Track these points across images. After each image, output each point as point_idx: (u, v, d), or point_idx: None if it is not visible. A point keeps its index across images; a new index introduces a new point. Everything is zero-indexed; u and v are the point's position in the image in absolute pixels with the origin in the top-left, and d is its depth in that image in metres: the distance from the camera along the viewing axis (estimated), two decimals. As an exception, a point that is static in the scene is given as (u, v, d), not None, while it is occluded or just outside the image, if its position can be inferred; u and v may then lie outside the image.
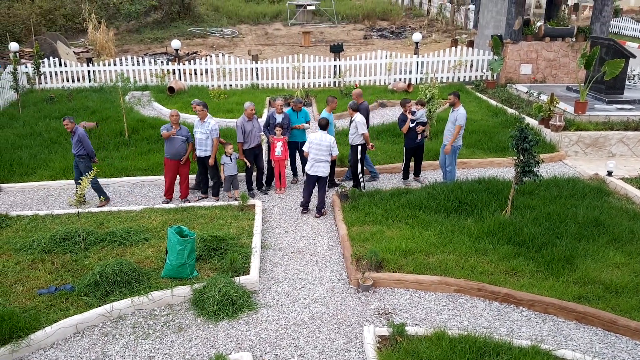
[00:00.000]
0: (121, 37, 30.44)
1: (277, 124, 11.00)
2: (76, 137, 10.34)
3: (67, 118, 10.36)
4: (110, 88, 18.61)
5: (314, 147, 10.06)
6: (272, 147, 11.07)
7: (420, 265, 8.08)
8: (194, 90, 18.74)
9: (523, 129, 8.97)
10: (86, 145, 10.38)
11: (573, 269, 7.98)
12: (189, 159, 10.68)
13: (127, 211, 10.17)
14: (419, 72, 19.97)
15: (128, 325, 7.08)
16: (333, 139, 10.17)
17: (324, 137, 10.08)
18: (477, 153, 12.90)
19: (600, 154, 13.26)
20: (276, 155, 11.02)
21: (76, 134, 10.34)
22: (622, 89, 15.26)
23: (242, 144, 10.82)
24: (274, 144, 11.01)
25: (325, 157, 10.08)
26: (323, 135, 10.10)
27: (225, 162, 10.69)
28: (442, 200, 10.02)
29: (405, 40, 29.81)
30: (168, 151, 10.40)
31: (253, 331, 6.98)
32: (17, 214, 10.03)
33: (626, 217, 9.53)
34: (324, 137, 10.08)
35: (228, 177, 10.81)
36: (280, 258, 8.78)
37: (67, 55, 22.77)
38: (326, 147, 10.02)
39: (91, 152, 10.50)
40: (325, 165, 10.12)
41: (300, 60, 19.63)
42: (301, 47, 27.94)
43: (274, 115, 11.16)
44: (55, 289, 7.53)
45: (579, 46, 18.69)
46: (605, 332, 6.90)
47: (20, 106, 16.42)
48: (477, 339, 6.31)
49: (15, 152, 12.96)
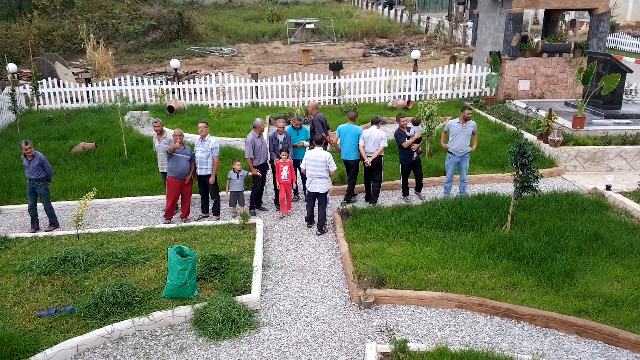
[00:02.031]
0: (120, 57, 30.65)
1: (281, 149, 10.82)
2: (37, 161, 10.27)
3: (27, 142, 10.14)
4: (109, 108, 18.68)
5: (310, 164, 10.11)
6: (277, 170, 10.89)
7: (422, 282, 8.08)
8: (194, 109, 18.82)
9: (522, 144, 9.02)
10: (47, 168, 10.42)
11: (573, 283, 7.98)
12: (192, 179, 10.72)
13: (127, 231, 10.17)
14: (418, 89, 20.09)
15: (129, 346, 7.06)
16: (329, 155, 10.15)
17: (318, 153, 10.11)
18: (477, 169, 12.94)
19: (599, 168, 13.31)
20: (282, 179, 10.81)
21: (36, 158, 10.28)
22: (619, 104, 15.36)
23: (252, 159, 10.88)
24: (280, 167, 10.81)
25: (323, 173, 10.08)
26: (318, 151, 10.14)
27: (232, 178, 10.75)
28: (442, 217, 10.04)
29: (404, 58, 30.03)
30: (173, 170, 10.39)
31: (255, 350, 6.95)
32: (16, 236, 10.04)
33: (625, 230, 9.55)
34: (318, 152, 10.12)
35: (233, 193, 10.85)
36: (281, 276, 8.77)
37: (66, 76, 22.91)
38: (322, 162, 10.03)
39: (51, 174, 10.54)
40: (323, 182, 10.12)
41: (300, 79, 19.76)
42: (300, 66, 28.14)
43: (276, 135, 11.14)
44: (55, 311, 7.52)
45: (576, 62, 18.83)
46: (606, 346, 6.88)
47: (18, 127, 16.48)
48: (478, 354, 6.30)
49: (14, 173, 12.99)
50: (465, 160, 11.16)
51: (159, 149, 10.90)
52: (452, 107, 18.20)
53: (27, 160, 10.25)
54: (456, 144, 11.00)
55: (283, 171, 10.71)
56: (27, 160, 10.25)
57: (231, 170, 10.81)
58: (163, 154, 10.79)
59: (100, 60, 25.71)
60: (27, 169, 10.29)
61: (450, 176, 11.32)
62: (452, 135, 11.03)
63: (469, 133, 10.96)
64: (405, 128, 11.12)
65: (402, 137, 11.10)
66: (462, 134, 10.92)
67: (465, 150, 11.02)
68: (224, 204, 11.52)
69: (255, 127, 10.90)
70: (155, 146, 11.02)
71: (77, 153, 14.17)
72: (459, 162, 11.16)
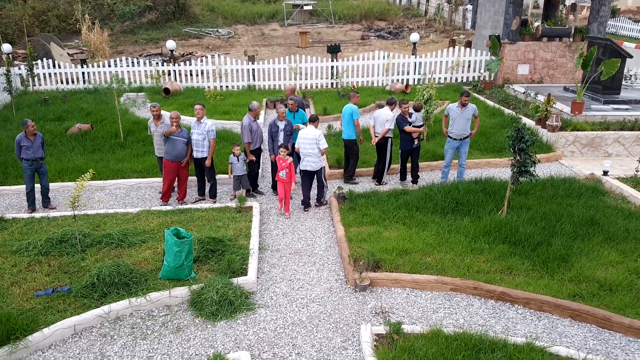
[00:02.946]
0: (115, 38, 30.40)
1: (281, 145, 10.23)
2: (39, 139, 10.36)
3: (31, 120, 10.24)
4: (105, 90, 18.58)
5: (302, 141, 10.27)
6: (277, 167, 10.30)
7: (417, 265, 8.12)
8: (190, 91, 18.74)
9: (520, 129, 9.01)
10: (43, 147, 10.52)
11: (568, 267, 8.03)
12: (189, 162, 10.69)
13: (124, 213, 10.17)
14: (416, 73, 20.02)
15: (126, 326, 7.09)
16: (319, 132, 10.26)
17: (309, 131, 10.26)
18: (474, 154, 12.93)
19: (597, 153, 13.32)
20: (281, 177, 10.24)
21: (39, 137, 10.37)
22: (618, 89, 15.33)
23: (250, 143, 10.82)
24: (280, 165, 10.20)
25: (313, 151, 10.20)
26: (309, 129, 10.31)
27: (233, 162, 10.75)
28: (439, 201, 10.06)
29: (403, 41, 29.88)
30: (169, 153, 10.34)
31: (251, 331, 7.00)
32: (12, 217, 10.03)
33: (621, 216, 9.58)
34: (309, 130, 10.28)
35: (236, 177, 10.86)
36: (278, 259, 8.80)
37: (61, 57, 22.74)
38: (312, 139, 10.15)
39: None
40: (314, 160, 10.26)
41: (297, 61, 19.66)
42: (298, 48, 27.98)
43: (276, 122, 10.94)
44: (52, 291, 7.54)
45: (576, 46, 18.77)
46: (599, 329, 6.94)
47: (14, 108, 16.39)
48: (472, 336, 6.35)
49: (10, 154, 12.94)
50: (464, 145, 11.15)
51: (155, 133, 10.82)
52: (451, 91, 18.15)
53: (30, 140, 10.23)
54: (455, 127, 10.98)
55: (282, 172, 10.20)
56: (29, 141, 10.21)
57: (231, 154, 10.78)
58: (159, 138, 10.72)
59: (96, 41, 25.54)
60: (30, 149, 10.23)
61: (449, 161, 11.31)
62: (452, 119, 11.02)
63: (468, 117, 10.93)
64: (407, 114, 11.10)
65: (404, 122, 11.08)
66: (461, 118, 10.89)
67: (464, 134, 11.00)
68: (221, 187, 11.52)
69: (251, 110, 10.82)
70: (151, 130, 10.93)
71: (73, 134, 14.12)
72: (458, 146, 11.15)
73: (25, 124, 10.15)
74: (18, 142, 10.19)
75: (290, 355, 6.54)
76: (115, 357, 6.51)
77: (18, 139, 10.19)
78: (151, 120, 10.90)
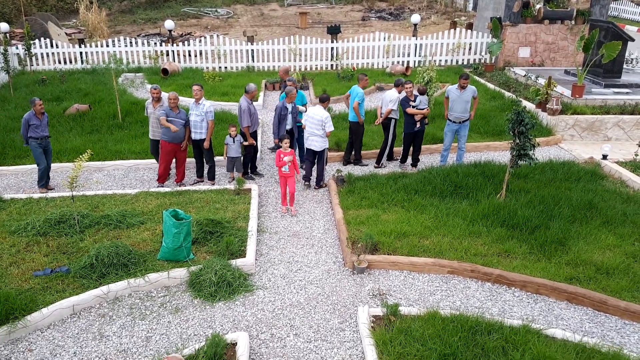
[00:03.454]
0: (114, 18, 30.15)
1: (281, 138, 9.58)
2: (46, 118, 10.37)
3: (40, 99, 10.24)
4: (103, 70, 18.48)
5: (309, 120, 10.28)
6: (277, 160, 9.59)
7: (415, 248, 8.14)
8: (188, 72, 18.64)
9: (520, 112, 8.98)
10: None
11: (565, 250, 8.06)
12: (187, 144, 10.63)
13: (122, 194, 10.16)
14: (417, 55, 19.89)
15: (125, 307, 7.13)
16: (327, 115, 10.20)
17: (318, 111, 10.21)
18: (474, 137, 12.90)
19: (596, 137, 13.29)
20: (283, 172, 9.54)
21: (45, 115, 10.36)
22: (619, 73, 15.25)
23: (249, 127, 10.70)
24: (280, 158, 9.46)
25: (319, 132, 10.20)
26: (318, 110, 10.25)
27: (229, 143, 10.67)
28: (437, 184, 10.05)
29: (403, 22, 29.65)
30: (167, 134, 10.23)
31: (249, 312, 7.03)
32: (11, 197, 10.03)
33: (619, 200, 9.59)
34: (318, 111, 10.22)
35: (230, 159, 10.79)
36: (276, 241, 8.82)
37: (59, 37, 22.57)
38: (318, 121, 10.14)
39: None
40: (318, 140, 10.26)
41: (297, 42, 19.51)
42: (298, 29, 27.77)
43: (285, 105, 10.73)
44: (50, 271, 7.56)
45: (578, 29, 18.63)
46: (595, 312, 6.99)
47: (11, 88, 16.30)
48: (469, 318, 6.39)
49: (8, 134, 12.91)
50: (464, 129, 11.11)
51: (152, 115, 10.67)
52: (452, 74, 18.05)
53: (39, 119, 10.20)
54: (455, 110, 10.93)
55: (285, 164, 9.47)
56: (38, 120, 10.18)
57: (227, 135, 10.74)
58: (156, 120, 10.57)
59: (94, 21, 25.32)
60: (39, 128, 10.20)
61: (448, 144, 11.28)
62: (451, 101, 10.96)
63: (467, 99, 10.87)
64: (411, 95, 11.02)
65: (407, 104, 11.01)
66: (460, 101, 10.84)
67: (464, 117, 10.95)
68: (219, 169, 11.50)
69: (247, 92, 10.71)
70: (148, 111, 10.79)
71: (71, 115, 14.06)
72: (457, 129, 11.11)
73: (33, 102, 10.11)
74: (27, 121, 10.09)
75: (288, 336, 6.59)
76: (114, 337, 6.55)
77: (27, 117, 10.09)
78: (149, 101, 10.79)
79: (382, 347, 6.06)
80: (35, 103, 10.08)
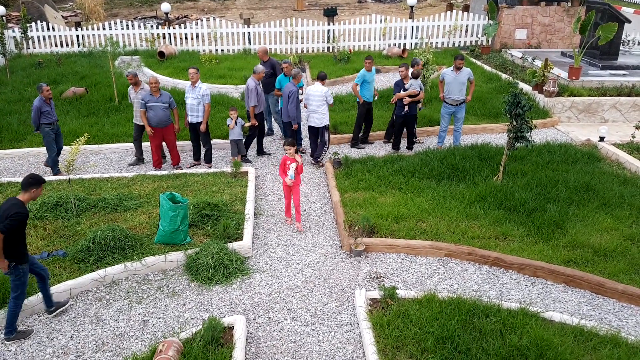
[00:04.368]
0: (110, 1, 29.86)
1: (285, 143, 8.34)
2: (53, 102, 10.27)
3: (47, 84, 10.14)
4: (100, 53, 18.33)
5: (310, 98, 10.46)
6: (282, 168, 8.40)
7: (412, 231, 8.13)
8: (185, 55, 18.49)
9: (516, 94, 8.94)
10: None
11: (563, 233, 8.07)
12: (179, 127, 10.56)
13: (119, 178, 10.13)
14: (414, 37, 19.76)
15: (122, 290, 7.13)
16: (327, 89, 10.44)
17: (317, 88, 10.43)
18: (471, 119, 12.87)
19: (593, 119, 13.26)
20: (289, 179, 8.37)
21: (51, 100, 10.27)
22: (616, 55, 15.18)
23: (255, 107, 10.76)
24: (286, 165, 8.36)
25: (320, 108, 10.39)
26: (317, 86, 10.47)
27: (230, 126, 10.65)
28: (434, 167, 10.04)
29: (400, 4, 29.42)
30: (152, 119, 10.14)
31: (246, 295, 7.04)
32: (7, 180, 9.98)
33: (617, 182, 9.59)
34: (317, 87, 10.45)
35: (233, 142, 10.78)
36: (273, 224, 8.81)
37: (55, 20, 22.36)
38: (319, 97, 10.36)
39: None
40: (319, 116, 10.46)
41: (293, 25, 19.36)
42: (294, 11, 27.54)
43: (296, 87, 10.58)
44: (47, 255, 7.55)
45: (574, 11, 18.50)
46: (593, 295, 7.01)
47: (8, 71, 16.18)
48: (466, 301, 6.40)
49: (4, 118, 12.83)
50: (460, 111, 11.07)
51: (135, 100, 10.58)
52: (448, 56, 17.95)
53: (49, 105, 10.12)
54: (451, 92, 10.88)
55: (290, 169, 8.32)
56: (48, 105, 10.10)
57: (228, 118, 10.68)
58: (138, 104, 10.42)
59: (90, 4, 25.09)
60: (50, 114, 10.14)
61: (445, 126, 11.25)
62: (447, 83, 10.91)
63: (463, 81, 10.81)
64: (407, 78, 10.96)
65: (398, 88, 10.96)
66: (455, 82, 10.78)
67: (460, 99, 10.90)
68: (216, 152, 11.46)
69: (255, 72, 10.81)
70: (131, 97, 10.77)
71: (67, 98, 13.97)
72: (454, 112, 11.07)
73: (40, 88, 10.00)
74: (39, 108, 9.93)
75: (285, 319, 6.60)
76: (111, 321, 6.56)
77: (38, 104, 9.91)
78: (130, 87, 10.73)
79: (380, 331, 6.08)
80: (42, 89, 9.99)
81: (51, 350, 6.09)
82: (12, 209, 5.77)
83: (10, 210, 5.76)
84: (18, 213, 5.77)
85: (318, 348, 6.11)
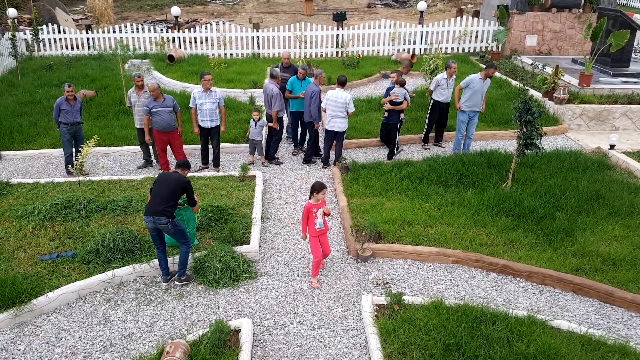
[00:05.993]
0: (120, 4, 30.06)
1: (313, 190, 7.05)
2: (78, 104, 10.43)
3: (69, 84, 10.26)
4: (110, 56, 18.45)
5: (331, 104, 10.41)
6: (308, 217, 7.13)
7: (419, 237, 8.11)
8: (194, 58, 18.57)
9: (526, 100, 8.91)
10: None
11: (572, 241, 8.02)
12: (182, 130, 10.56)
13: (128, 180, 10.18)
14: (423, 42, 19.75)
15: (130, 292, 7.16)
16: (349, 97, 10.43)
17: (340, 94, 10.38)
18: (480, 125, 12.81)
19: (604, 127, 13.19)
20: (317, 229, 7.16)
21: (78, 101, 10.39)
22: (627, 62, 15.10)
23: (279, 111, 10.87)
24: (312, 212, 7.09)
25: (342, 114, 10.42)
26: (339, 92, 10.40)
27: (251, 127, 10.90)
28: (442, 173, 10.02)
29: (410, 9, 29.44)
30: (157, 123, 10.08)
31: (253, 299, 7.05)
32: (18, 182, 10.05)
33: (627, 190, 9.53)
34: (340, 94, 10.39)
35: (252, 142, 10.98)
36: (280, 228, 8.82)
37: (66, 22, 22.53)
38: (342, 103, 10.34)
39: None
40: (341, 121, 10.52)
41: (302, 29, 19.40)
42: (303, 16, 27.61)
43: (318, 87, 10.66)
44: (56, 256, 7.59)
45: (585, 17, 18.43)
46: (601, 304, 6.96)
47: (19, 73, 16.31)
48: (473, 308, 6.37)
49: (15, 119, 12.92)
50: (475, 117, 11.10)
51: (137, 103, 10.56)
52: (458, 62, 17.83)
53: (70, 104, 10.24)
54: (473, 100, 10.84)
55: (317, 217, 7.12)
56: (69, 105, 10.23)
57: (251, 119, 10.95)
58: (141, 108, 10.40)
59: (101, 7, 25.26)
60: (70, 114, 10.25)
61: (463, 132, 11.21)
62: (471, 90, 10.81)
63: (485, 90, 10.85)
64: (398, 84, 10.99)
65: (386, 93, 11.04)
66: (480, 91, 10.82)
67: (477, 108, 10.92)
68: (224, 156, 11.49)
69: (275, 77, 10.86)
70: (131, 101, 10.68)
71: (77, 100, 14.04)
72: (472, 116, 11.08)
73: (63, 88, 10.22)
74: (58, 106, 10.19)
75: (292, 323, 6.60)
76: (119, 322, 6.58)
77: (58, 102, 10.19)
78: (132, 90, 10.72)
79: (386, 336, 6.06)
80: (64, 89, 10.20)
81: (59, 350, 6.12)
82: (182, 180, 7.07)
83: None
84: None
85: (324, 353, 6.11)
